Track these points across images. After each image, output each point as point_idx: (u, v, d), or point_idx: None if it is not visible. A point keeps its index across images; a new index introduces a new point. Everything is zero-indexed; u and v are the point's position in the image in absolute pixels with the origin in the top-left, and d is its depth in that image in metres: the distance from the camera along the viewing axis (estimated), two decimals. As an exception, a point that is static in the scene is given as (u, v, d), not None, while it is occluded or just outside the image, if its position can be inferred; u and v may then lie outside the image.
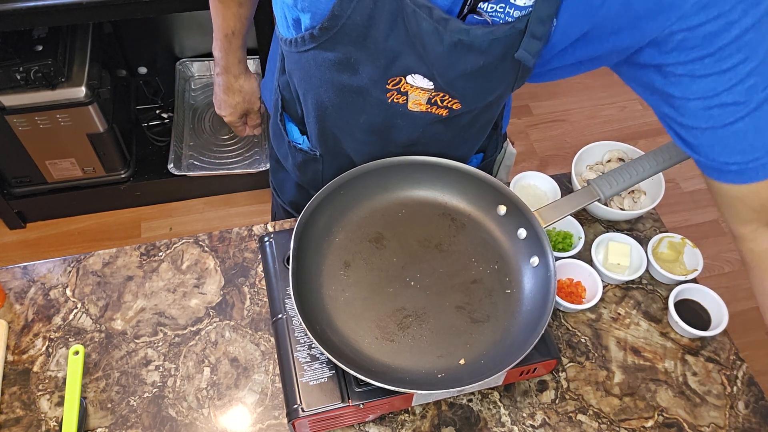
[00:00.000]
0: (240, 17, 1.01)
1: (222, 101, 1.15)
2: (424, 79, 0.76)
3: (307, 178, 1.07)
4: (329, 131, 0.93)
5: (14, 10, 1.45)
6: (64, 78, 1.69)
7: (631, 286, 1.02)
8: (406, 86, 0.78)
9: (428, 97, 0.79)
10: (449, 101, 0.80)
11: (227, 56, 1.07)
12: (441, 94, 0.78)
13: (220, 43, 1.05)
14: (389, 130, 0.87)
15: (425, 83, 0.76)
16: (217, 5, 1.00)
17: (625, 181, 0.92)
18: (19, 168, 1.91)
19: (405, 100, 0.80)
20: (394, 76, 0.76)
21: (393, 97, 0.80)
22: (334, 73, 0.80)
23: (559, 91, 2.53)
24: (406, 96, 0.79)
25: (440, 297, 0.87)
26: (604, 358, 0.95)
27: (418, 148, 0.92)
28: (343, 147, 0.95)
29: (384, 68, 0.75)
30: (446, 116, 0.83)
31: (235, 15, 1.01)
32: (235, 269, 1.02)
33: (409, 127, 0.86)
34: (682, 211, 2.19)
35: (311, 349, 0.85)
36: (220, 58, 1.08)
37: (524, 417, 0.89)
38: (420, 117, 0.83)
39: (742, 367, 0.95)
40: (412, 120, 0.84)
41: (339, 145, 0.95)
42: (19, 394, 0.89)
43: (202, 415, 0.88)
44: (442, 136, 0.89)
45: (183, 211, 2.16)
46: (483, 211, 0.94)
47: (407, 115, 0.83)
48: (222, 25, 1.02)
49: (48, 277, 1.01)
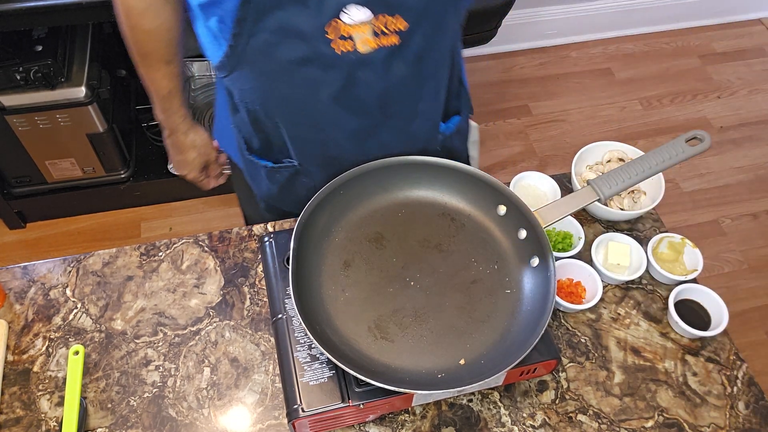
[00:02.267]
0: (172, 76, 0.99)
1: (179, 162, 1.15)
2: (359, 9, 0.77)
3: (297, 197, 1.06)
4: (304, 135, 0.94)
5: (14, 10, 1.44)
6: (63, 78, 1.69)
7: (631, 286, 1.02)
8: (345, 28, 0.78)
9: (372, 30, 0.80)
10: (392, 23, 0.80)
11: (171, 117, 1.05)
12: (382, 18, 0.79)
13: (161, 106, 1.03)
14: (355, 94, 0.87)
15: (362, 14, 0.77)
16: (147, 71, 0.98)
17: (625, 181, 0.92)
18: (19, 168, 1.91)
19: (353, 45, 0.81)
20: (329, 20, 0.77)
21: (339, 46, 0.80)
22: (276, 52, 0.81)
23: (559, 91, 2.53)
24: (351, 39, 0.80)
25: (440, 297, 0.87)
26: (604, 358, 0.95)
27: (394, 109, 0.92)
28: (325, 148, 0.96)
29: (316, 13, 0.76)
30: (399, 45, 0.83)
31: (165, 75, 0.98)
32: (235, 269, 1.02)
33: (372, 80, 0.86)
34: (682, 211, 2.19)
35: (311, 349, 0.85)
36: (164, 120, 1.06)
37: (524, 417, 0.89)
38: (376, 60, 0.83)
39: (742, 367, 0.95)
40: (370, 69, 0.84)
41: (321, 148, 0.95)
42: (19, 394, 0.89)
43: (202, 415, 0.88)
44: (409, 84, 0.89)
45: (183, 211, 2.16)
46: (483, 211, 0.94)
47: (363, 62, 0.83)
48: (158, 89, 1.00)
49: (48, 277, 1.01)
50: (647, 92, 2.53)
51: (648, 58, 2.65)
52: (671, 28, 2.75)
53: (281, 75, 0.85)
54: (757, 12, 2.81)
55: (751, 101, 2.52)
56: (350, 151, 0.97)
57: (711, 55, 2.67)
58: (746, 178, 2.29)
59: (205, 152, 1.14)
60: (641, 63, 2.63)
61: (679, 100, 2.50)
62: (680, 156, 0.91)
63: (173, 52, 0.96)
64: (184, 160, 1.14)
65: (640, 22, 2.69)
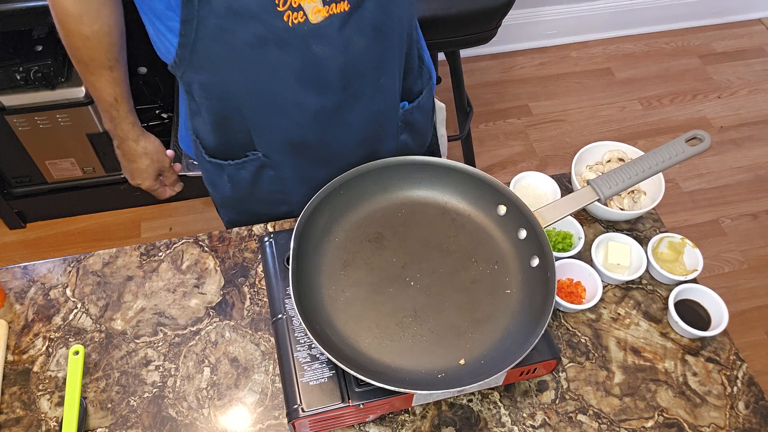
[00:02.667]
0: (116, 82, 0.96)
1: (132, 171, 1.11)
2: None
3: (264, 192, 1.06)
4: (268, 122, 0.93)
5: (14, 10, 1.45)
6: (63, 78, 1.69)
7: (631, 286, 1.02)
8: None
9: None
10: None
11: (119, 125, 1.02)
12: None
13: (108, 114, 1.00)
14: (316, 72, 0.87)
15: None
16: (89, 78, 0.95)
17: (625, 181, 0.92)
18: (19, 168, 1.91)
19: (304, 16, 0.80)
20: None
21: (291, 18, 0.80)
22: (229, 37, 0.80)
23: (559, 91, 2.53)
24: (302, 10, 0.80)
25: (440, 297, 0.87)
26: (604, 358, 0.95)
27: (356, 86, 0.91)
28: (290, 134, 0.95)
29: None
30: (349, 11, 0.82)
31: (110, 81, 0.95)
32: (235, 269, 1.02)
33: (331, 54, 0.85)
34: (682, 211, 2.19)
35: (311, 349, 0.85)
36: (114, 129, 1.03)
37: (524, 417, 0.89)
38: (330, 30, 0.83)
39: (742, 367, 0.95)
40: (327, 41, 0.84)
41: (285, 134, 0.95)
42: (19, 394, 0.89)
43: (202, 415, 0.88)
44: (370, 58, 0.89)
45: (183, 211, 2.16)
46: (483, 211, 0.94)
47: (317, 34, 0.83)
48: (102, 97, 0.97)
49: (48, 277, 1.01)
50: (647, 92, 2.53)
51: (648, 58, 2.65)
52: (671, 28, 2.75)
53: (239, 62, 0.84)
54: (757, 12, 2.81)
55: (751, 101, 2.52)
56: (314, 135, 0.96)
57: (711, 55, 2.67)
58: (746, 178, 2.29)
59: (158, 159, 1.10)
60: (641, 63, 2.63)
61: (679, 100, 2.50)
62: (680, 156, 0.91)
63: (115, 57, 0.93)
64: (137, 169, 1.10)
65: (640, 22, 2.69)
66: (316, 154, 1.00)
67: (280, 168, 1.02)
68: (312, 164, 1.02)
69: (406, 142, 1.09)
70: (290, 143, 0.98)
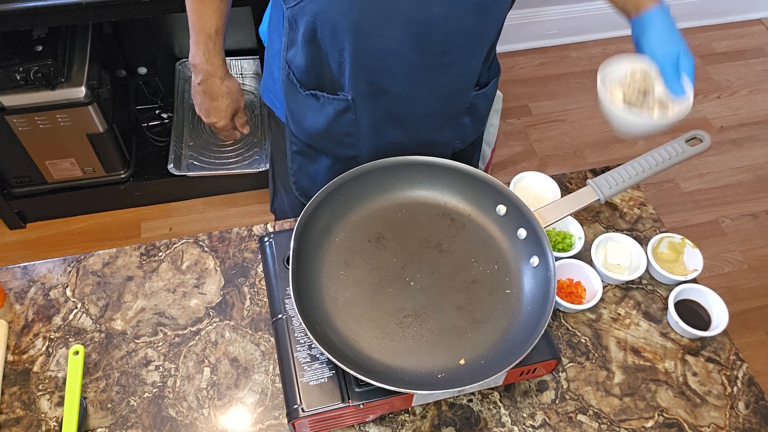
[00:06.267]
0: (221, 14, 0.99)
1: (210, 109, 1.12)
2: None
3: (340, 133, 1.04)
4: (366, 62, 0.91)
5: (14, 10, 1.45)
6: (63, 78, 1.69)
7: (630, 286, 1.02)
8: None
9: None
10: None
11: (212, 59, 1.04)
12: None
13: (203, 46, 1.01)
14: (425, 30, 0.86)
15: None
16: (200, 6, 0.97)
17: (625, 181, 0.92)
18: (19, 168, 1.91)
19: None
20: None
21: None
22: None
23: (559, 91, 2.53)
24: None
25: (440, 297, 0.87)
26: (604, 358, 0.95)
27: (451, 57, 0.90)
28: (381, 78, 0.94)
29: None
30: None
31: (216, 12, 0.98)
32: (235, 269, 1.02)
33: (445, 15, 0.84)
34: (681, 211, 2.19)
35: (311, 349, 0.85)
36: (204, 63, 1.04)
37: (524, 417, 0.89)
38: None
39: (742, 367, 0.95)
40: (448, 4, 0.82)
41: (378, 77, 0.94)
42: (19, 394, 0.89)
43: (202, 415, 0.88)
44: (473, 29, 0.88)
45: (183, 211, 2.16)
46: (483, 211, 0.94)
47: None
48: (204, 26, 0.99)
49: (48, 277, 1.01)
50: (647, 92, 2.53)
51: (648, 58, 2.65)
52: (671, 28, 2.75)
53: None
54: (757, 12, 2.81)
55: (751, 101, 2.52)
56: (400, 88, 0.95)
57: (711, 55, 2.67)
58: (746, 178, 2.29)
59: (236, 99, 1.13)
60: (641, 63, 2.63)
61: (679, 100, 2.50)
62: (680, 156, 0.91)
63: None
64: (216, 107, 1.12)
65: (640, 22, 2.69)
66: (394, 107, 0.99)
67: (359, 111, 1.00)
68: (387, 117, 1.01)
69: (466, 125, 1.09)
70: (379, 88, 0.96)
